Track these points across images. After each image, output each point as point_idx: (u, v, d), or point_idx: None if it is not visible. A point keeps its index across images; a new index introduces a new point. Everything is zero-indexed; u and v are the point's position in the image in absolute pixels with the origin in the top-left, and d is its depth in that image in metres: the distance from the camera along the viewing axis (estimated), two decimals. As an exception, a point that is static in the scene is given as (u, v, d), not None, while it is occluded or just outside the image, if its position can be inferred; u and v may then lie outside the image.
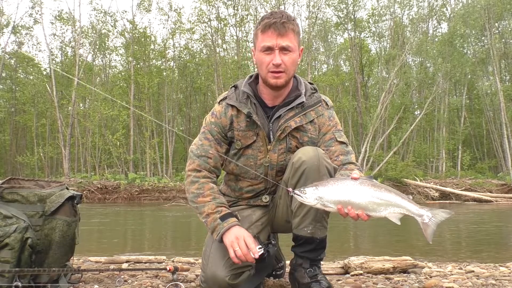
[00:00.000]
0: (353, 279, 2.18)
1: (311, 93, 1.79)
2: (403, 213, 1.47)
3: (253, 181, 1.80)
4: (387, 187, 1.49)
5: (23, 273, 1.71)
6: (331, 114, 1.80)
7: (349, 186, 1.45)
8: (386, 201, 1.45)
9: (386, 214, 1.46)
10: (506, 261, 3.15)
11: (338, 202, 1.44)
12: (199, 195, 1.69)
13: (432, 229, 1.47)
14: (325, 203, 1.45)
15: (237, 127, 1.75)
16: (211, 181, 1.74)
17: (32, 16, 25.63)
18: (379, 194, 1.45)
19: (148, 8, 25.65)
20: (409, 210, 1.46)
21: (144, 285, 1.99)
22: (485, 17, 22.95)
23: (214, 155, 1.75)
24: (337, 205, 1.44)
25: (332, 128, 1.77)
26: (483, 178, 20.61)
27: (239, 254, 1.53)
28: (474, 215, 11.52)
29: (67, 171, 21.93)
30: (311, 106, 1.76)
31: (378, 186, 1.46)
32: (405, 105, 23.57)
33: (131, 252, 4.75)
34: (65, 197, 1.89)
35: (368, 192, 1.44)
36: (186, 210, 13.30)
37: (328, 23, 29.11)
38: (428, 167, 24.90)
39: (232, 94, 1.79)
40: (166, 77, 26.42)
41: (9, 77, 28.03)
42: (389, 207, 1.45)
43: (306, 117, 1.74)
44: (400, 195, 1.47)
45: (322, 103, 1.80)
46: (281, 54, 1.62)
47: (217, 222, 1.63)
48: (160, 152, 24.92)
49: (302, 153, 1.64)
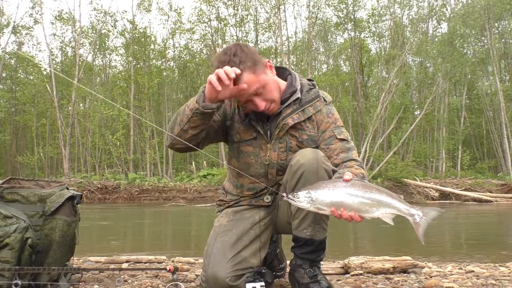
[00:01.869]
0: (353, 279, 2.18)
1: (309, 89, 1.77)
2: (395, 213, 1.47)
3: (253, 178, 1.79)
4: (379, 188, 1.49)
5: (23, 271, 1.71)
6: (329, 110, 1.77)
7: (341, 188, 1.46)
8: (378, 202, 1.46)
9: (379, 214, 1.47)
10: (506, 261, 3.15)
11: (331, 205, 1.45)
12: (178, 112, 1.65)
13: (424, 228, 1.48)
14: (318, 206, 1.46)
15: (238, 119, 1.75)
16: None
17: (32, 16, 25.65)
18: (370, 195, 1.46)
19: (148, 8, 25.66)
20: (399, 210, 1.47)
21: (144, 285, 1.99)
22: (485, 17, 22.95)
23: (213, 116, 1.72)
24: (330, 208, 1.45)
25: (331, 125, 1.75)
26: (483, 178, 20.61)
27: (220, 74, 1.46)
28: (474, 215, 11.52)
29: (67, 171, 21.92)
30: (308, 102, 1.74)
31: (369, 187, 1.47)
32: (405, 105, 23.56)
33: (131, 252, 4.75)
34: (65, 197, 1.89)
35: (359, 193, 1.45)
36: (186, 210, 13.30)
37: (328, 23, 29.10)
38: (428, 167, 24.90)
39: None
40: (166, 77, 26.42)
41: (9, 77, 28.03)
42: (381, 208, 1.46)
43: (304, 113, 1.73)
44: (391, 195, 1.48)
45: (320, 98, 1.77)
46: (257, 99, 1.62)
47: (198, 94, 1.59)
48: (160, 152, 24.92)
49: (301, 156, 1.62)
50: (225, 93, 1.53)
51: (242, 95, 1.59)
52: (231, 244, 1.70)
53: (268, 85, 1.62)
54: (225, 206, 1.90)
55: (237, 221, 1.79)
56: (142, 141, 25.10)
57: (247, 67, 1.56)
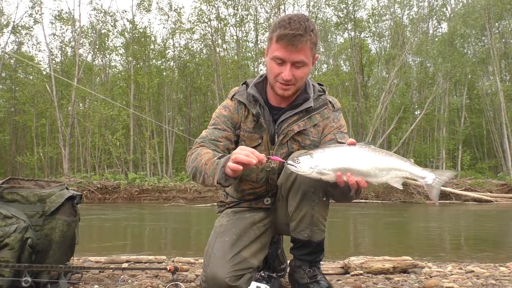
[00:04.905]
0: (353, 279, 2.18)
1: (318, 96, 1.76)
2: (406, 177, 1.41)
3: (254, 184, 1.79)
4: (388, 151, 1.43)
5: (32, 269, 1.71)
6: (336, 116, 1.77)
7: (348, 152, 1.38)
8: (388, 165, 1.39)
9: (388, 179, 1.40)
10: (506, 261, 3.15)
11: (337, 169, 1.37)
12: (196, 157, 1.60)
13: (437, 189, 1.44)
14: (322, 171, 1.37)
15: (244, 128, 1.74)
16: (210, 150, 1.65)
17: (32, 16, 25.65)
18: (381, 158, 1.39)
19: (148, 8, 25.67)
20: (412, 173, 1.42)
21: (144, 285, 1.99)
22: (485, 17, 22.94)
23: (225, 140, 1.71)
24: (336, 172, 1.37)
25: (335, 129, 1.74)
26: (483, 178, 20.60)
27: (246, 154, 1.38)
28: (474, 215, 11.52)
29: (67, 171, 21.92)
30: (316, 109, 1.73)
31: (379, 150, 1.40)
32: (405, 105, 23.57)
33: (131, 252, 4.75)
34: (65, 197, 1.89)
35: (369, 156, 1.38)
36: (186, 210, 13.30)
37: (328, 23, 29.11)
38: (428, 167, 24.83)
39: (243, 92, 1.77)
40: (166, 77, 26.42)
41: (9, 77, 28.02)
42: (391, 172, 1.39)
43: (310, 121, 1.72)
44: (401, 158, 1.42)
45: (328, 105, 1.76)
46: (292, 69, 1.58)
47: (216, 162, 1.51)
48: (160, 152, 24.93)
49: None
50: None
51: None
52: (231, 244, 1.70)
53: (306, 67, 1.61)
54: (225, 207, 1.91)
55: (237, 220, 1.79)
56: (142, 141, 25.10)
57: (313, 37, 1.56)
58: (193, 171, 1.60)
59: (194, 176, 1.60)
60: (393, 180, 1.40)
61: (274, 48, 1.58)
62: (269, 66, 1.64)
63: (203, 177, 1.54)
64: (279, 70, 1.59)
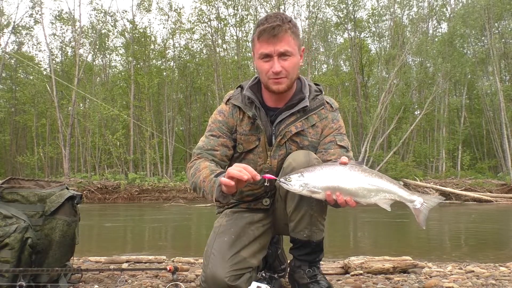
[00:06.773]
0: (353, 279, 2.18)
1: (315, 96, 1.75)
2: (394, 199, 1.42)
3: (253, 185, 1.78)
4: (378, 173, 1.44)
5: (27, 273, 1.71)
6: (335, 117, 1.76)
7: (338, 171, 1.40)
8: (377, 186, 1.40)
9: (376, 200, 1.41)
10: (506, 261, 3.15)
11: (327, 188, 1.39)
12: (195, 172, 1.62)
13: (424, 214, 1.44)
14: (312, 189, 1.40)
15: (240, 131, 1.74)
16: (208, 162, 1.67)
17: (32, 16, 25.63)
18: (370, 180, 1.40)
19: (148, 8, 25.64)
20: (400, 196, 1.42)
21: (144, 285, 1.99)
22: (485, 17, 22.94)
23: (222, 148, 1.73)
24: (325, 191, 1.40)
25: (334, 131, 1.74)
26: (483, 178, 20.60)
27: (239, 170, 1.39)
28: (474, 215, 11.52)
29: (67, 171, 21.92)
30: (313, 110, 1.72)
31: (369, 171, 1.41)
32: (405, 105, 23.57)
33: (131, 252, 4.75)
34: (65, 197, 1.89)
35: (359, 177, 1.39)
36: (186, 210, 13.30)
37: (328, 23, 29.09)
38: (428, 167, 24.89)
39: (238, 95, 1.77)
40: (166, 77, 26.42)
41: (9, 77, 28.02)
42: (379, 193, 1.41)
43: (308, 121, 1.72)
44: (391, 181, 1.43)
45: (326, 105, 1.76)
46: (280, 61, 1.59)
47: (213, 180, 1.52)
48: (160, 152, 24.93)
49: (293, 159, 1.61)
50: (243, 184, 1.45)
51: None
52: (230, 244, 1.70)
53: (294, 57, 1.62)
54: (224, 208, 1.91)
55: (236, 220, 1.79)
56: (142, 141, 25.10)
57: (292, 26, 1.59)
58: (193, 185, 1.64)
59: (194, 190, 1.65)
60: (382, 201, 1.41)
61: (258, 47, 1.61)
62: (258, 66, 1.65)
63: (202, 193, 1.59)
64: (268, 66, 1.61)
